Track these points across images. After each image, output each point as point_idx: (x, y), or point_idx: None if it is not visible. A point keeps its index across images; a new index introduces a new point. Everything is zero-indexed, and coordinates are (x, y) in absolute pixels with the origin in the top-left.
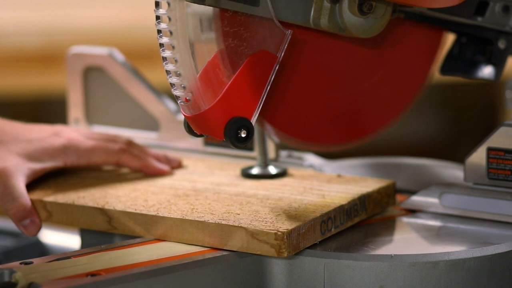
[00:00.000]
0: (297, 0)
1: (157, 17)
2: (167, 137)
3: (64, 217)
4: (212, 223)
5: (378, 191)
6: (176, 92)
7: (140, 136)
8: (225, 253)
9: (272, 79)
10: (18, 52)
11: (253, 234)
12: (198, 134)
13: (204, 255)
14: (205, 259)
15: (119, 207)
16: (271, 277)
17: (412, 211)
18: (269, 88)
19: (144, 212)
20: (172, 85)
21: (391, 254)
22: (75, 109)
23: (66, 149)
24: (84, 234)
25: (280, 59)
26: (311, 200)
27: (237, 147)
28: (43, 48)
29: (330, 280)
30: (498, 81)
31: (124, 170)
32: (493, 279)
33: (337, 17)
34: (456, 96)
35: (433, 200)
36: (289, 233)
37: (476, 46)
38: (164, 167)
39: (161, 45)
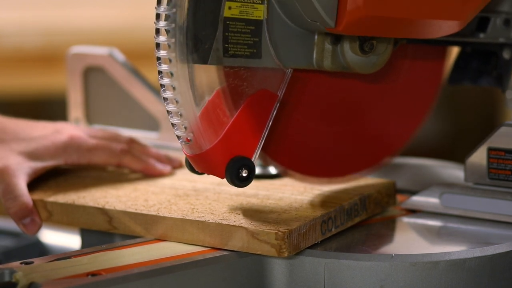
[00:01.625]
0: (299, 45)
1: (158, 58)
2: (167, 137)
3: (65, 217)
4: (213, 223)
5: (379, 191)
6: (178, 133)
7: (140, 136)
8: (225, 253)
9: (273, 117)
10: (18, 52)
11: (254, 234)
12: (200, 172)
13: (205, 255)
14: (206, 259)
15: (120, 207)
16: (271, 277)
17: (413, 211)
18: (271, 124)
19: (144, 212)
20: (173, 125)
21: (392, 254)
22: (75, 109)
23: (68, 147)
24: (85, 234)
25: (281, 97)
26: (311, 200)
27: (239, 186)
28: (43, 48)
29: (331, 280)
30: (505, 91)
31: (125, 170)
32: (493, 279)
33: (339, 57)
34: (457, 96)
35: (434, 200)
36: (290, 233)
37: (482, 56)
38: (165, 167)
39: (162, 85)
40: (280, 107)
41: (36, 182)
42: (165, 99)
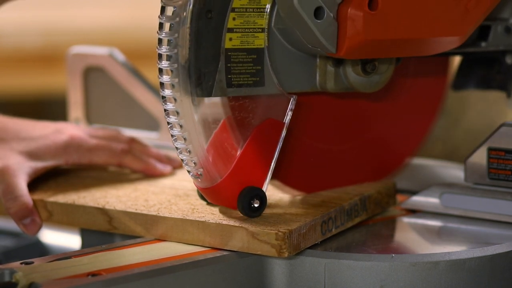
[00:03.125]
0: (301, 69)
1: (163, 97)
2: (167, 137)
3: (65, 217)
4: (213, 223)
5: (379, 192)
6: (187, 168)
7: (140, 136)
8: (225, 253)
9: (280, 145)
10: (18, 52)
11: (254, 234)
12: (214, 203)
13: (205, 255)
14: (206, 259)
15: (120, 207)
16: (271, 277)
17: (413, 211)
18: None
19: (144, 212)
20: (182, 160)
21: (392, 254)
22: (75, 109)
23: (68, 147)
24: (85, 234)
25: (287, 124)
26: (311, 200)
27: (251, 217)
28: (43, 48)
29: (331, 280)
30: (510, 95)
31: (125, 170)
32: (493, 279)
33: (342, 79)
34: (457, 96)
35: (434, 200)
36: (290, 233)
37: (485, 61)
38: (165, 168)
39: (169, 123)
40: (288, 132)
41: (36, 182)
42: (172, 136)
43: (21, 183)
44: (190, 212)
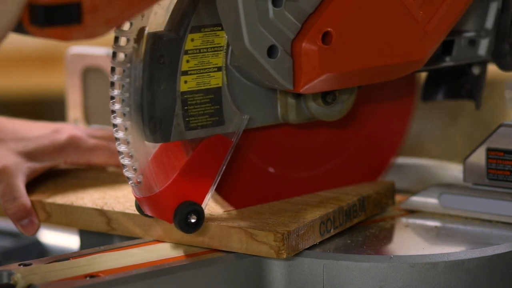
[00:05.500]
0: (262, 103)
1: (112, 97)
2: None
3: (63, 218)
4: (212, 224)
5: (377, 192)
6: (127, 174)
7: None
8: (224, 254)
9: (226, 163)
10: (17, 52)
11: (252, 236)
12: (149, 215)
13: (203, 256)
14: (204, 260)
15: (118, 208)
16: (270, 278)
17: (412, 212)
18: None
19: None
20: (123, 166)
21: (391, 255)
22: (74, 110)
23: (67, 147)
24: (83, 235)
25: (235, 143)
26: (310, 201)
27: (187, 232)
28: (43, 48)
29: (329, 281)
30: (480, 109)
31: None
32: (492, 280)
33: (304, 110)
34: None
35: (433, 200)
36: (288, 234)
37: (452, 71)
38: None
39: (115, 125)
40: (235, 150)
41: (35, 182)
42: (117, 139)
43: (19, 184)
44: None
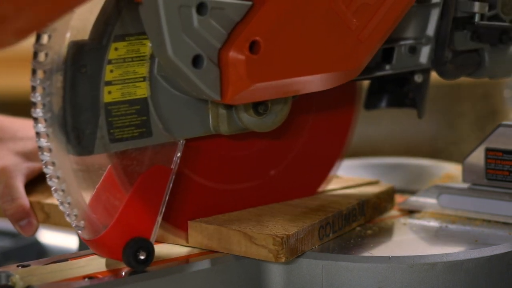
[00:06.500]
0: (193, 113)
1: (39, 147)
2: None
3: (62, 219)
4: (211, 226)
5: (377, 196)
6: (69, 219)
7: None
8: (223, 255)
9: (169, 191)
10: (17, 52)
11: (251, 239)
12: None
13: (202, 257)
14: (203, 262)
15: None
16: (269, 279)
17: (411, 212)
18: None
19: None
20: (64, 212)
21: (389, 256)
22: None
23: None
24: None
25: (175, 170)
26: (309, 204)
27: (138, 269)
28: None
29: (328, 282)
30: (422, 116)
31: None
32: (491, 280)
33: (236, 121)
34: (455, 96)
35: (431, 200)
36: (288, 238)
37: (395, 80)
38: None
39: (46, 174)
40: (177, 175)
41: (34, 183)
42: (51, 187)
43: (18, 185)
44: None
